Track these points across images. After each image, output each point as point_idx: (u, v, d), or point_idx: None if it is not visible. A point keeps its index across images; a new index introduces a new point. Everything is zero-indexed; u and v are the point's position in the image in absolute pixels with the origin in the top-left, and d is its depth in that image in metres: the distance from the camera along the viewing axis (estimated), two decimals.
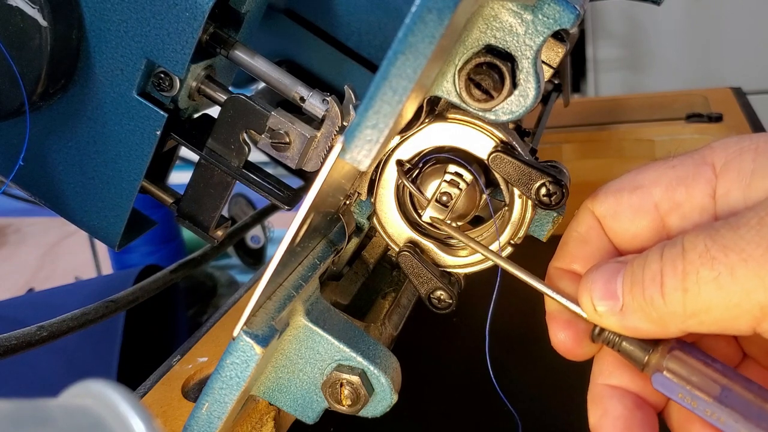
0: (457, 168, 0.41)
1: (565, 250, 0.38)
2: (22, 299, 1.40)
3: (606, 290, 0.33)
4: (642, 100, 1.09)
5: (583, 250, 0.37)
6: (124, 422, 0.20)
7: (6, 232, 3.41)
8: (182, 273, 0.71)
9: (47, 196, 0.48)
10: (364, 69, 0.59)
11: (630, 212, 0.36)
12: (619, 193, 0.36)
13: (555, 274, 0.38)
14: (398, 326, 0.47)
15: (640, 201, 0.35)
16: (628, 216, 0.36)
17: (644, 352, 0.33)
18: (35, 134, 0.45)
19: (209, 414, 0.36)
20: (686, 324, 0.30)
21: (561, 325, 0.36)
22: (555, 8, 0.34)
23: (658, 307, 0.31)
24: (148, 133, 0.44)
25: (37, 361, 1.10)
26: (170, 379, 0.53)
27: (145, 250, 1.90)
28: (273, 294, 0.37)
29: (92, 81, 0.43)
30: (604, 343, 0.34)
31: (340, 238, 0.43)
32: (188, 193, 0.45)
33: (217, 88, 0.44)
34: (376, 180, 0.44)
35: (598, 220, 0.37)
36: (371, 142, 0.29)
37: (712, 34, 2.14)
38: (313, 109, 0.43)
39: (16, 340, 0.50)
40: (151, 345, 1.28)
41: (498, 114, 0.36)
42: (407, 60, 0.28)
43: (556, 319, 0.36)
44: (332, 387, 0.38)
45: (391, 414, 0.39)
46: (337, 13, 0.58)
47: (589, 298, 0.33)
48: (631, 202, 0.36)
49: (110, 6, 0.41)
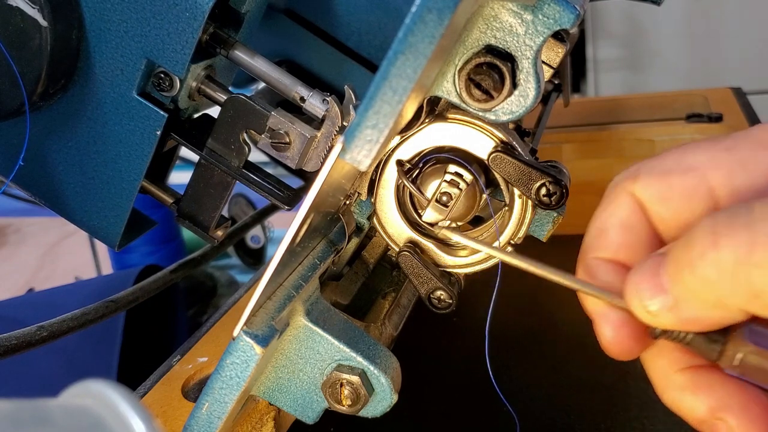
0: (457, 168, 0.41)
1: (607, 239, 0.33)
2: (22, 299, 1.40)
3: (653, 286, 0.29)
4: (642, 100, 1.09)
5: (627, 237, 0.33)
6: (124, 422, 0.20)
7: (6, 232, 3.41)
8: (182, 273, 0.71)
9: (47, 196, 0.48)
10: (364, 69, 0.59)
11: (683, 197, 0.31)
12: (667, 176, 0.32)
13: (597, 265, 0.33)
14: (398, 326, 0.47)
15: (695, 184, 0.31)
16: (680, 201, 0.31)
17: (713, 343, 0.29)
18: (35, 134, 0.45)
19: (209, 414, 0.36)
20: (752, 304, 0.26)
21: (614, 324, 0.32)
22: (555, 8, 0.34)
23: (714, 286, 0.26)
24: (148, 133, 0.44)
25: (37, 361, 1.10)
26: (170, 379, 0.53)
27: (145, 250, 1.90)
28: (273, 294, 0.37)
29: (92, 81, 0.43)
30: (669, 339, 0.30)
31: (340, 238, 0.43)
32: (188, 193, 0.45)
33: (217, 88, 0.44)
34: (376, 180, 0.44)
35: (641, 204, 0.32)
36: (371, 142, 0.29)
37: (712, 34, 2.14)
38: (313, 109, 0.43)
39: (16, 340, 0.50)
40: (151, 345, 1.28)
41: (498, 114, 0.36)
42: (407, 60, 0.28)
43: (607, 317, 0.32)
44: (332, 387, 0.38)
45: (391, 414, 0.39)
46: (337, 13, 0.58)
47: (638, 300, 0.29)
48: (684, 185, 0.31)
49: (110, 6, 0.41)
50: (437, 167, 0.42)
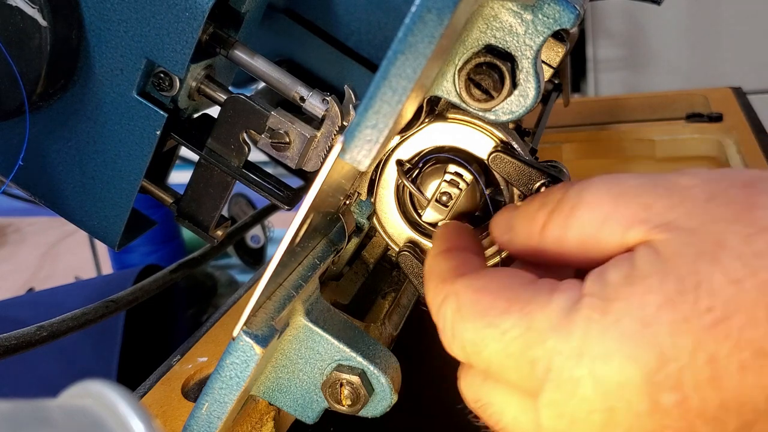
0: (457, 168, 0.41)
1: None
2: (22, 299, 1.40)
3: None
4: (642, 100, 1.09)
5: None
6: (123, 422, 0.20)
7: (6, 232, 3.41)
8: (182, 273, 0.71)
9: (47, 196, 0.48)
10: (364, 69, 0.59)
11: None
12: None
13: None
14: (398, 326, 0.47)
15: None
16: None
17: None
18: (35, 134, 0.45)
19: (209, 414, 0.36)
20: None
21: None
22: (555, 8, 0.34)
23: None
24: (148, 133, 0.44)
25: (37, 361, 1.10)
26: (170, 379, 0.53)
27: (145, 250, 1.90)
28: (273, 294, 0.37)
29: (92, 81, 0.43)
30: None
31: (340, 238, 0.43)
32: (188, 193, 0.45)
33: (217, 87, 0.44)
34: (376, 180, 0.44)
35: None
36: (371, 142, 0.29)
37: (712, 34, 2.14)
38: (313, 109, 0.43)
39: (16, 340, 0.50)
40: (151, 345, 1.28)
41: (498, 114, 0.36)
42: (407, 60, 0.28)
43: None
44: (332, 387, 0.38)
45: (391, 414, 0.39)
46: (337, 13, 0.58)
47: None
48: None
49: (110, 6, 0.41)
50: (437, 167, 0.42)
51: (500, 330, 0.30)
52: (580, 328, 0.28)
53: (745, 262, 0.27)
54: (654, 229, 0.29)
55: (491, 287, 0.32)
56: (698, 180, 0.30)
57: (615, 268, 0.29)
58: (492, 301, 0.31)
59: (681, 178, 0.31)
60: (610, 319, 0.28)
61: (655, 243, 0.29)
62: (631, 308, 0.27)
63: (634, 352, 0.27)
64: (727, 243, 0.27)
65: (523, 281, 0.32)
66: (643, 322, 0.27)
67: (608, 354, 0.27)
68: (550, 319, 0.29)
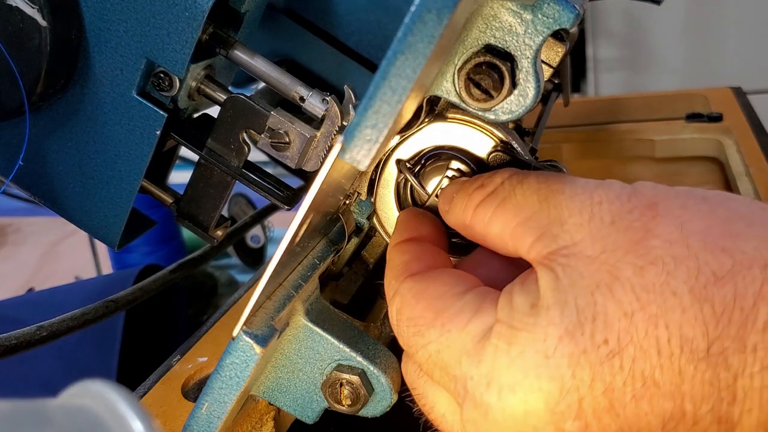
0: (460, 164, 0.42)
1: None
2: (22, 299, 1.40)
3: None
4: (642, 100, 1.09)
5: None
6: (123, 423, 0.20)
7: (6, 232, 3.42)
8: (182, 273, 0.71)
9: (47, 196, 0.48)
10: (364, 69, 0.59)
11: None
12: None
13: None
14: None
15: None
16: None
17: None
18: (35, 134, 0.45)
19: (209, 414, 0.36)
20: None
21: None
22: (554, 8, 0.34)
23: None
24: (147, 133, 0.44)
25: (37, 361, 1.10)
26: (170, 378, 0.53)
27: (145, 250, 1.90)
28: (273, 294, 0.37)
29: (92, 81, 0.43)
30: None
31: (340, 237, 0.43)
32: (188, 193, 0.45)
33: (217, 87, 0.44)
34: (376, 180, 0.44)
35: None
36: (371, 141, 0.29)
37: (712, 34, 2.15)
38: (313, 109, 0.43)
39: (16, 340, 0.50)
40: (151, 345, 1.28)
41: (498, 114, 0.36)
42: (407, 60, 0.28)
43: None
44: (332, 387, 0.38)
45: (391, 414, 0.39)
46: (337, 13, 0.58)
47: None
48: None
49: (110, 6, 0.41)
50: (438, 166, 0.42)
51: (425, 340, 0.33)
52: (490, 356, 0.30)
53: (637, 295, 0.28)
54: (558, 252, 0.31)
55: (427, 294, 0.34)
56: (611, 195, 0.32)
57: (522, 295, 0.31)
58: (423, 310, 0.33)
59: (597, 190, 0.32)
60: (515, 351, 0.29)
61: (558, 270, 0.30)
62: (535, 340, 0.29)
63: (537, 383, 0.29)
64: (621, 274, 0.29)
65: (456, 291, 0.34)
66: (545, 354, 0.29)
67: (514, 384, 0.29)
68: (465, 343, 0.31)
